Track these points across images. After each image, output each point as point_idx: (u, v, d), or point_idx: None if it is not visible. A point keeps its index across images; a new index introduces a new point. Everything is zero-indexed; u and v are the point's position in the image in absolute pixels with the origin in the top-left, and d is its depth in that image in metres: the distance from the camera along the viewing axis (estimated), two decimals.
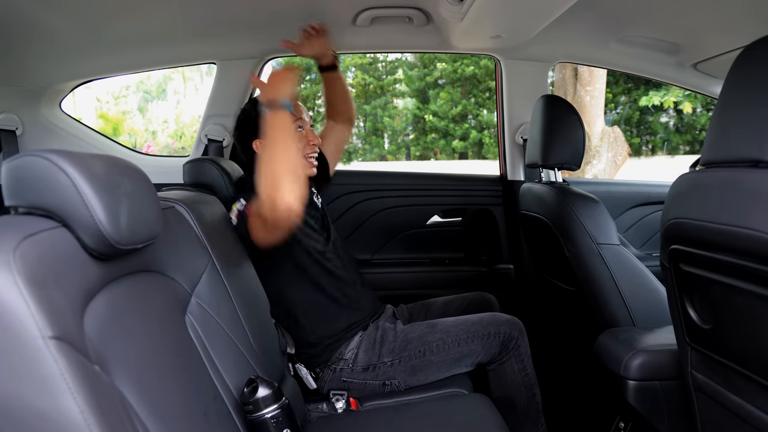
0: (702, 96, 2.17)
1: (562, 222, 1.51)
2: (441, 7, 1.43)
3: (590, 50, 1.99)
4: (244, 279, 1.21)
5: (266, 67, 2.08)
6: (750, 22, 1.50)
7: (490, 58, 2.15)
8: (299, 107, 1.50)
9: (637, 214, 2.30)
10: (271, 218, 1.17)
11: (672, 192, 0.96)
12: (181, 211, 1.04)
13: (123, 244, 0.65)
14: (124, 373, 0.63)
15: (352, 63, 12.77)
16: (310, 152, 1.48)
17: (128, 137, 8.42)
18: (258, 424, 0.89)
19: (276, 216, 1.15)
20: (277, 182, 1.13)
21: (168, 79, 9.63)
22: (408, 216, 2.22)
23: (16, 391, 0.49)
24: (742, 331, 0.84)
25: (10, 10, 1.43)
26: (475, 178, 2.34)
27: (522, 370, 1.43)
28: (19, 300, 0.50)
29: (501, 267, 2.18)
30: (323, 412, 1.35)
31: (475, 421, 1.18)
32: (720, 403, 0.94)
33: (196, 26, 1.74)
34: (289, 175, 1.14)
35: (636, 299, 1.44)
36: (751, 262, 0.76)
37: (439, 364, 1.41)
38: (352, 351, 1.43)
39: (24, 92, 1.94)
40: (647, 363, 1.18)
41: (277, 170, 1.14)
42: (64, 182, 0.60)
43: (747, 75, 0.81)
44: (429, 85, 12.52)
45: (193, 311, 0.92)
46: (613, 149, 5.19)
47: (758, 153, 0.76)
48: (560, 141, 1.57)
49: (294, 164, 1.17)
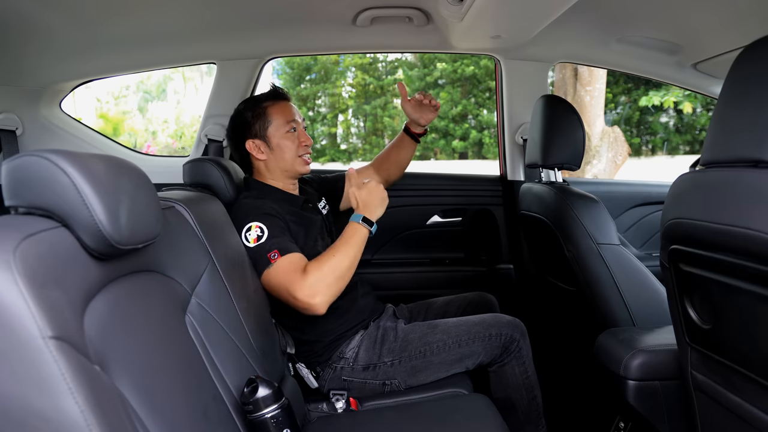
0: (702, 96, 2.17)
1: (562, 222, 1.51)
2: (441, 7, 1.43)
3: (590, 50, 1.99)
4: (244, 279, 1.21)
5: (266, 66, 2.08)
6: (750, 22, 1.50)
7: (490, 58, 2.15)
8: (291, 108, 1.52)
9: (637, 214, 2.30)
10: (288, 301, 1.28)
11: (672, 192, 0.96)
12: (181, 211, 1.04)
13: (123, 244, 0.65)
14: (124, 373, 0.63)
15: (352, 63, 12.77)
16: (303, 152, 1.51)
17: (128, 137, 8.42)
18: (258, 424, 0.89)
19: (294, 304, 1.27)
20: (321, 285, 1.24)
21: (168, 79, 9.64)
22: (408, 216, 2.22)
23: (16, 391, 0.49)
24: (742, 331, 0.84)
25: (9, 10, 1.43)
26: (475, 178, 2.34)
27: (523, 372, 1.42)
28: (19, 300, 0.50)
29: (501, 267, 2.18)
30: (323, 412, 1.35)
31: (475, 421, 1.18)
32: (720, 403, 0.94)
33: (196, 26, 1.74)
34: (335, 285, 1.27)
35: (636, 299, 1.44)
36: (751, 262, 0.76)
37: (439, 365, 1.41)
38: (353, 350, 1.43)
39: (24, 92, 1.93)
40: (647, 363, 1.18)
41: (331, 273, 1.26)
42: (64, 182, 0.60)
43: (747, 75, 0.81)
44: (429, 85, 12.51)
45: (193, 311, 0.92)
46: (613, 149, 5.20)
47: (758, 153, 0.76)
48: (560, 141, 1.57)
49: (347, 278, 1.30)
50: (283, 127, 1.48)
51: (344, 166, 12.21)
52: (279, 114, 1.49)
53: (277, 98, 1.52)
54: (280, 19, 1.73)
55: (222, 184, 1.48)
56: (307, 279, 1.25)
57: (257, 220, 1.33)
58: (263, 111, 1.49)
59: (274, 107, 1.50)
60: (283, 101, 1.52)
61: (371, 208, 1.36)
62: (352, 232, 1.34)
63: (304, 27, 1.81)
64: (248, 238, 1.31)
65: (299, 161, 1.50)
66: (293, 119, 1.50)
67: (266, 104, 1.50)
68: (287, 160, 1.49)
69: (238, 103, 2.02)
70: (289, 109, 1.52)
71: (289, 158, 1.49)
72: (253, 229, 1.32)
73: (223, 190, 1.47)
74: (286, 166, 1.50)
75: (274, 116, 1.49)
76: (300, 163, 1.51)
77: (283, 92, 1.55)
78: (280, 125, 1.48)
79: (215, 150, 2.03)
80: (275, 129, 1.48)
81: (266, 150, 1.49)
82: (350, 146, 13.51)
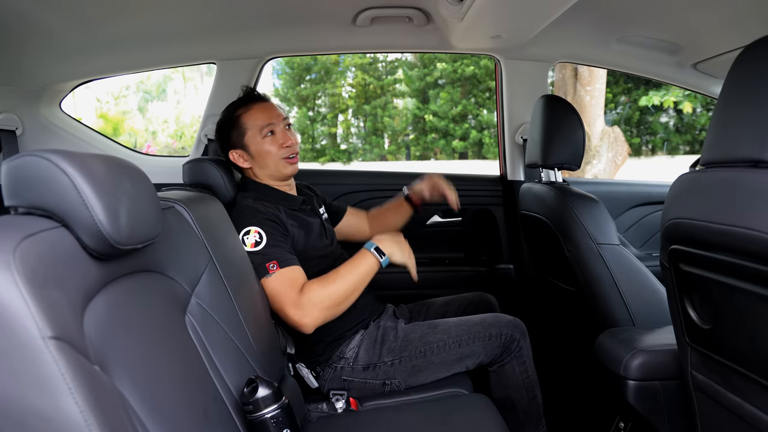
0: (702, 96, 2.17)
1: (562, 222, 1.51)
2: (441, 7, 1.43)
3: (590, 50, 1.99)
4: (244, 279, 1.21)
5: (266, 66, 2.08)
6: (750, 22, 1.50)
7: (490, 58, 2.15)
8: (267, 110, 1.46)
9: (637, 214, 2.30)
10: (279, 313, 1.30)
11: (672, 192, 0.96)
12: (181, 211, 1.04)
13: (123, 244, 0.65)
14: (124, 373, 0.63)
15: (352, 63, 12.77)
16: (285, 154, 1.46)
17: (128, 137, 8.43)
18: (258, 424, 0.89)
19: (284, 318, 1.30)
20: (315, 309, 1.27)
21: (168, 79, 9.64)
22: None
23: (15, 391, 0.49)
24: (742, 331, 0.84)
25: (9, 10, 1.43)
26: (475, 178, 2.34)
27: (523, 372, 1.42)
28: (19, 300, 0.50)
29: (501, 267, 2.18)
30: (323, 412, 1.35)
31: (475, 421, 1.18)
32: (720, 403, 0.94)
33: (196, 26, 1.74)
34: (330, 310, 1.29)
35: (636, 299, 1.44)
36: (751, 262, 0.76)
37: (439, 365, 1.41)
38: (353, 350, 1.43)
39: (24, 92, 1.94)
40: (647, 363, 1.18)
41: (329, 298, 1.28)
42: (64, 182, 0.60)
43: (747, 74, 0.81)
44: (429, 85, 12.53)
45: (193, 311, 0.92)
46: (613, 149, 5.20)
47: (759, 153, 0.76)
48: (560, 141, 1.57)
49: (345, 305, 1.32)
50: (259, 133, 1.44)
51: (344, 166, 12.21)
52: (252, 120, 1.44)
53: (251, 102, 1.47)
54: (280, 19, 1.73)
55: (222, 184, 1.47)
56: (302, 299, 1.27)
57: (257, 225, 1.33)
58: (236, 120, 1.45)
59: (246, 114, 1.45)
60: (257, 104, 1.47)
61: (388, 242, 1.38)
62: (361, 259, 1.35)
63: (304, 27, 1.81)
64: (246, 242, 1.31)
65: (283, 163, 1.46)
66: (269, 122, 1.45)
67: (238, 112, 1.46)
68: (270, 165, 1.46)
69: None
70: (264, 111, 1.46)
71: (272, 163, 1.46)
72: (251, 234, 1.32)
73: (223, 190, 1.47)
74: (270, 171, 1.47)
75: (248, 123, 1.44)
76: (284, 165, 1.47)
77: (255, 95, 1.50)
78: (255, 132, 1.44)
79: (215, 150, 2.02)
80: (251, 137, 1.44)
81: (248, 158, 1.47)
82: (350, 146, 13.52)
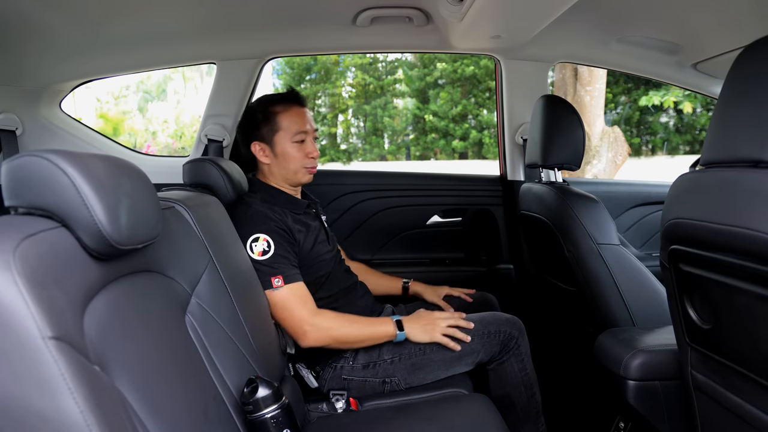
0: (702, 96, 2.17)
1: (562, 222, 1.51)
2: (441, 7, 1.43)
3: (590, 50, 1.99)
4: (244, 279, 1.21)
5: (266, 66, 2.08)
6: (750, 22, 1.50)
7: (490, 58, 2.15)
8: (305, 116, 1.46)
9: (637, 214, 2.30)
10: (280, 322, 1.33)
11: (672, 192, 0.96)
12: (181, 211, 1.04)
13: (123, 244, 0.65)
14: (124, 373, 0.63)
15: (352, 63, 12.77)
16: (309, 164, 1.47)
17: (128, 137, 8.43)
18: (258, 424, 0.89)
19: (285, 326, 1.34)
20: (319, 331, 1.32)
21: (168, 79, 9.64)
22: (408, 216, 2.22)
23: (16, 391, 0.49)
24: (741, 331, 0.84)
25: (9, 10, 1.42)
26: (475, 178, 2.35)
27: (522, 369, 1.43)
28: (19, 300, 0.50)
29: (501, 267, 2.18)
30: (323, 412, 1.35)
31: (475, 421, 1.18)
32: (720, 403, 0.94)
33: (196, 26, 1.74)
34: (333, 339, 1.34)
35: (636, 299, 1.44)
36: (751, 262, 0.76)
37: (438, 363, 1.41)
38: (353, 349, 1.43)
39: (24, 92, 1.93)
40: (647, 363, 1.18)
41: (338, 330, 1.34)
42: (64, 182, 0.60)
43: (747, 75, 0.81)
44: (429, 85, 12.52)
45: (193, 311, 0.92)
46: (613, 149, 5.20)
47: (759, 153, 0.76)
48: (560, 141, 1.57)
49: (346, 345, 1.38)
50: (292, 136, 1.43)
51: (344, 166, 12.21)
52: (288, 121, 1.43)
53: (291, 103, 1.46)
54: (280, 19, 1.73)
55: (222, 184, 1.47)
56: (315, 319, 1.33)
57: (266, 233, 1.32)
58: (272, 115, 1.44)
59: (285, 114, 1.44)
60: (297, 107, 1.46)
61: (414, 323, 1.39)
62: (382, 323, 1.38)
63: (304, 27, 1.80)
64: (253, 249, 1.31)
65: (303, 172, 1.47)
66: (303, 130, 1.44)
67: (277, 109, 1.44)
68: (290, 169, 1.46)
69: (238, 103, 2.03)
70: (301, 117, 1.45)
71: (293, 168, 1.46)
72: (260, 242, 1.31)
73: (223, 190, 1.47)
74: (288, 174, 1.47)
75: (283, 123, 1.43)
76: (303, 174, 1.47)
77: (298, 97, 1.48)
78: (288, 134, 1.43)
79: (215, 150, 2.03)
80: (282, 137, 1.44)
81: (270, 155, 1.46)
82: (350, 146, 13.51)
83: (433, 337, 1.37)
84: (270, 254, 1.31)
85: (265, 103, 1.47)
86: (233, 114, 2.04)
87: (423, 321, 1.39)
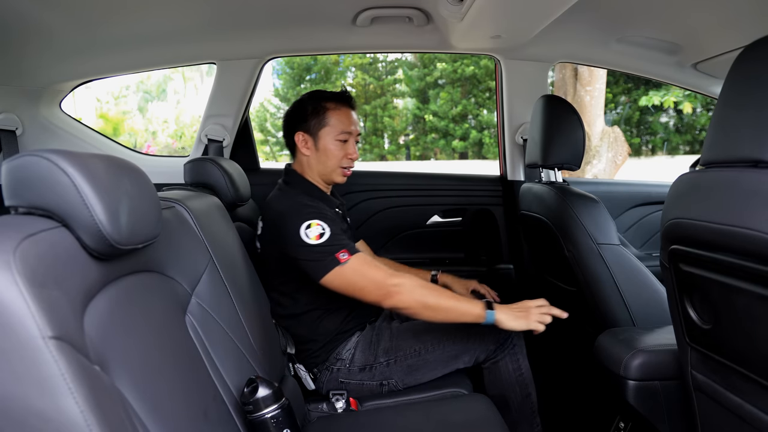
0: (702, 96, 2.17)
1: (562, 222, 1.51)
2: (441, 7, 1.43)
3: (590, 50, 1.99)
4: (244, 279, 1.21)
5: (266, 66, 2.08)
6: (750, 22, 1.50)
7: (490, 58, 2.15)
8: (352, 117, 1.49)
9: (637, 214, 2.30)
10: (364, 291, 1.28)
11: (672, 192, 0.96)
12: (181, 211, 1.04)
13: (123, 244, 0.65)
14: (124, 373, 0.63)
15: (352, 63, 12.78)
16: (346, 165, 1.49)
17: (128, 137, 8.43)
18: (258, 424, 0.89)
19: (370, 298, 1.28)
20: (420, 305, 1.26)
21: (168, 79, 9.65)
22: (408, 216, 2.22)
23: (16, 391, 0.49)
24: (741, 331, 0.84)
25: (9, 10, 1.43)
26: (475, 178, 2.34)
27: (517, 369, 1.42)
28: (19, 300, 0.50)
29: (501, 267, 2.18)
30: (323, 412, 1.35)
31: (475, 421, 1.18)
32: (720, 403, 0.94)
33: (196, 26, 1.74)
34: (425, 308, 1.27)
35: (636, 299, 1.44)
36: (751, 262, 0.76)
37: (435, 363, 1.41)
38: (350, 351, 1.43)
39: (24, 92, 1.94)
40: (647, 363, 1.18)
41: (426, 303, 1.26)
42: (64, 182, 0.60)
43: (747, 75, 0.81)
44: (429, 85, 12.53)
45: (193, 311, 0.92)
46: (613, 149, 5.20)
47: (759, 153, 0.76)
48: (560, 141, 1.57)
49: (426, 315, 1.29)
50: (337, 134, 1.45)
51: None
52: (337, 119, 1.46)
53: (343, 102, 1.49)
54: (280, 19, 1.73)
55: (223, 184, 1.48)
56: (396, 278, 1.27)
57: (317, 218, 1.31)
58: (323, 111, 1.46)
59: (335, 111, 1.46)
60: (347, 107, 1.49)
61: (505, 308, 1.30)
62: (469, 300, 1.32)
63: (304, 27, 1.80)
64: (308, 235, 1.28)
65: (338, 172, 1.49)
66: (349, 131, 1.47)
67: (328, 105, 1.47)
68: (328, 166, 1.47)
69: (238, 103, 2.03)
70: (349, 117, 1.48)
71: (331, 165, 1.47)
72: (313, 227, 1.29)
73: (224, 190, 1.47)
74: (325, 170, 1.48)
75: (332, 120, 1.45)
76: (338, 174, 1.49)
77: (351, 99, 1.52)
78: (334, 131, 1.45)
79: (215, 150, 2.04)
80: (327, 132, 1.45)
81: (312, 148, 1.47)
82: None
83: (528, 324, 1.27)
84: (327, 234, 1.29)
85: (317, 98, 1.49)
86: (233, 114, 2.04)
87: (515, 308, 1.31)
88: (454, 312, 1.28)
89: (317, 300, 1.42)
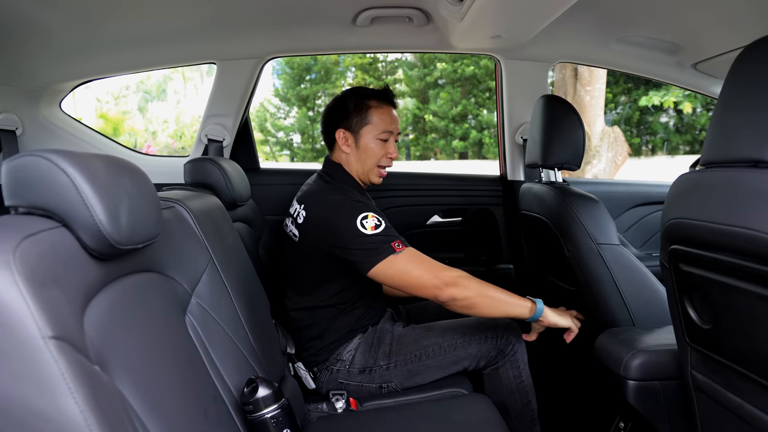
0: (702, 96, 2.17)
1: (562, 222, 1.51)
2: (441, 7, 1.43)
3: (590, 50, 1.99)
4: (244, 279, 1.21)
5: (266, 66, 2.08)
6: (750, 22, 1.50)
7: (490, 58, 2.15)
8: (394, 116, 1.49)
9: (637, 214, 2.30)
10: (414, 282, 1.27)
11: (672, 192, 0.96)
12: (181, 211, 1.04)
13: (123, 244, 0.65)
14: (124, 373, 0.63)
15: (352, 63, 12.77)
16: (384, 164, 1.50)
17: (128, 137, 8.44)
18: (258, 424, 0.89)
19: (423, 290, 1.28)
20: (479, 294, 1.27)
21: (168, 79, 9.65)
22: (408, 216, 2.22)
23: (16, 391, 0.49)
24: (741, 331, 0.84)
25: (9, 10, 1.43)
26: (475, 178, 2.34)
27: (517, 376, 1.42)
28: (19, 300, 0.50)
29: (501, 267, 2.18)
30: (323, 412, 1.35)
31: (475, 421, 1.18)
32: (720, 403, 0.94)
33: (196, 26, 1.74)
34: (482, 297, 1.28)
35: (636, 299, 1.44)
36: (751, 262, 0.76)
37: (435, 368, 1.41)
38: (350, 353, 1.43)
39: (24, 92, 1.94)
40: (647, 363, 1.18)
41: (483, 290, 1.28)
42: (64, 182, 0.60)
43: (747, 75, 0.81)
44: (429, 85, 12.53)
45: (193, 311, 0.92)
46: (613, 149, 5.20)
47: (759, 153, 0.76)
48: (560, 141, 1.57)
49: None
50: (379, 133, 1.46)
51: None
52: (379, 118, 1.46)
53: (386, 101, 1.49)
54: (280, 19, 1.73)
55: (223, 184, 1.48)
56: (449, 270, 1.29)
57: (371, 212, 1.32)
58: (365, 109, 1.46)
59: (377, 110, 1.46)
60: (389, 106, 1.49)
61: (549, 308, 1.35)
62: (521, 299, 1.33)
63: (304, 27, 1.81)
64: (365, 226, 1.29)
65: (376, 171, 1.49)
66: (390, 129, 1.47)
67: (371, 103, 1.47)
68: (367, 164, 1.48)
69: (237, 103, 2.03)
70: (391, 116, 1.48)
71: (370, 164, 1.48)
72: (370, 218, 1.31)
73: (224, 190, 1.47)
74: (363, 168, 1.48)
75: (374, 118, 1.46)
76: (375, 174, 1.50)
77: (393, 98, 1.52)
78: (375, 130, 1.46)
79: (215, 150, 2.04)
80: (369, 131, 1.46)
81: (353, 145, 1.47)
82: None
83: (569, 323, 1.36)
84: (383, 225, 1.30)
85: (360, 95, 1.49)
86: (233, 114, 2.04)
87: (556, 309, 1.37)
88: (508, 303, 1.31)
89: (338, 296, 1.42)
